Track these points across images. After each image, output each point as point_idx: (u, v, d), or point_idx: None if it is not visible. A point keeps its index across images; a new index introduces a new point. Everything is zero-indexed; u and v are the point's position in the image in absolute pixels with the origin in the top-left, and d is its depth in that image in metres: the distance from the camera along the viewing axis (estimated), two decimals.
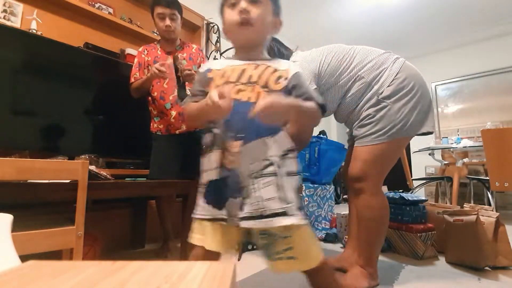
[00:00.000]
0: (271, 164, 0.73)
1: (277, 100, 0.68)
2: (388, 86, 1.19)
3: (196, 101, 0.80)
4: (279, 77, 0.79)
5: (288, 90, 0.79)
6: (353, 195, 1.29)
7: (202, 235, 0.78)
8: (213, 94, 0.67)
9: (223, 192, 0.74)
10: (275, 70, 0.80)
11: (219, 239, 0.76)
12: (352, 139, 1.36)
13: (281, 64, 0.83)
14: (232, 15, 0.79)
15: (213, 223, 0.77)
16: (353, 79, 1.25)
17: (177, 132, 1.72)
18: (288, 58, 1.36)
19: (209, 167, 0.78)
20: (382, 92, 1.19)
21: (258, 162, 0.73)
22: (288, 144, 0.78)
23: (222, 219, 0.75)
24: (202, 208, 0.79)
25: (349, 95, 1.27)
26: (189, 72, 1.52)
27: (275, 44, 1.43)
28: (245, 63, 0.82)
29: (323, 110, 0.83)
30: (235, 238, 0.78)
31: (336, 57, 1.27)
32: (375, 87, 1.21)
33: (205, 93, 0.80)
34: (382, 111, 1.18)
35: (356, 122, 1.27)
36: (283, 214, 0.70)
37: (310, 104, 0.78)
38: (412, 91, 1.19)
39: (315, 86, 1.25)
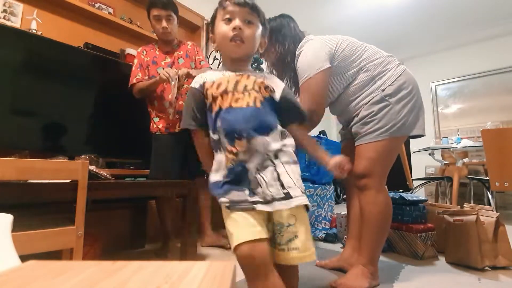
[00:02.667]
0: (271, 157, 0.81)
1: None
2: (390, 85, 1.25)
3: (192, 124, 0.88)
4: (267, 86, 0.88)
5: (276, 101, 0.88)
6: (357, 192, 1.31)
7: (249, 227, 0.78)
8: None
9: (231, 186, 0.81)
10: (264, 79, 0.90)
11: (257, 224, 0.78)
12: (349, 135, 1.38)
13: (266, 76, 0.93)
14: (226, 30, 0.85)
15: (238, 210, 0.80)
16: (360, 70, 1.29)
17: (176, 129, 1.73)
18: (301, 40, 1.39)
19: (217, 168, 0.85)
20: (384, 89, 1.25)
21: (261, 156, 0.80)
22: (281, 139, 0.86)
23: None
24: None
25: (353, 84, 1.31)
26: (185, 78, 1.62)
27: (291, 23, 1.47)
28: (237, 74, 0.90)
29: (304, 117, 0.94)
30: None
31: (350, 45, 1.32)
32: (378, 83, 1.26)
33: (201, 117, 0.88)
34: (385, 110, 1.24)
35: (357, 119, 1.30)
36: (291, 196, 0.78)
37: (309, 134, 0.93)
38: (411, 94, 1.26)
39: (329, 65, 1.27)
